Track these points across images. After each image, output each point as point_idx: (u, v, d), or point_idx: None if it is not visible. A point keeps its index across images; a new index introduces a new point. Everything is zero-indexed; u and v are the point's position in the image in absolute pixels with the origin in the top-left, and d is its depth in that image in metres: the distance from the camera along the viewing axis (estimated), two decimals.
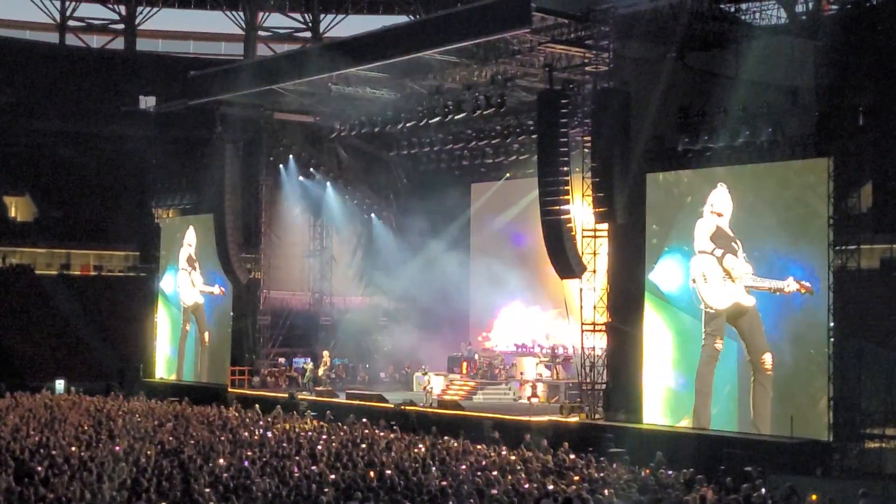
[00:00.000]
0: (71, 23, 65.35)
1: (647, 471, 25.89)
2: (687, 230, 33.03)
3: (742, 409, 31.31)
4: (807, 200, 30.08)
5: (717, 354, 31.89)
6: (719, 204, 32.12)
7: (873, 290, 30.58)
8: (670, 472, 25.58)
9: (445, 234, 49.46)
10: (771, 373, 30.53)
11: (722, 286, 31.89)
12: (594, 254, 35.81)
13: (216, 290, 50.54)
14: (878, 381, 29.51)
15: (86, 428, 32.34)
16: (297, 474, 23.54)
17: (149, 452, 26.78)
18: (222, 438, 30.35)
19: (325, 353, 48.21)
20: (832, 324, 29.22)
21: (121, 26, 66.18)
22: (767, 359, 30.66)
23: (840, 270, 29.30)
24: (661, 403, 33.35)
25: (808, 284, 29.22)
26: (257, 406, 40.47)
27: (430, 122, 42.93)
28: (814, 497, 21.12)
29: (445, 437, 31.96)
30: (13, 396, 42.30)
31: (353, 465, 25.34)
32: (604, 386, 35.15)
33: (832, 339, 29.20)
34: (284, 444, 29.34)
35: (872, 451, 28.94)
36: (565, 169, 35.43)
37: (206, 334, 51.14)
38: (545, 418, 35.32)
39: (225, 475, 23.21)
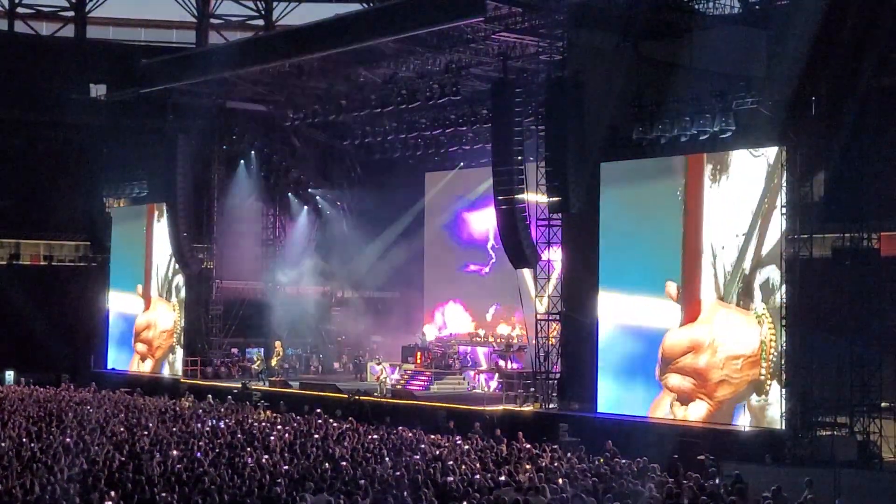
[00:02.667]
0: (20, 10, 64.50)
1: (602, 460, 25.92)
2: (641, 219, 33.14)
3: None
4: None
5: None
6: None
7: (825, 279, 30.71)
8: (624, 461, 25.62)
9: (399, 222, 49.44)
10: None
11: None
12: (548, 243, 35.84)
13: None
14: (830, 369, 29.67)
15: (36, 419, 32.02)
16: (250, 465, 23.39)
17: (100, 444, 26.51)
18: (175, 429, 30.12)
19: (278, 343, 48.03)
20: (784, 312, 29.39)
21: (71, 13, 65.42)
22: None
23: (792, 259, 29.47)
24: (615, 392, 33.44)
25: None
26: (210, 396, 40.27)
27: (384, 110, 42.76)
28: None
29: (400, 427, 31.90)
30: None
31: (307, 456, 25.21)
32: (558, 375, 35.20)
33: (784, 328, 29.38)
34: (238, 435, 29.17)
35: (824, 439, 29.11)
36: (519, 158, 35.45)
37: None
38: (499, 408, 35.33)
39: (177, 466, 23.02)
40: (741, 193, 30.54)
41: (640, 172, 33.41)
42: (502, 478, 22.17)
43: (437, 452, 26.50)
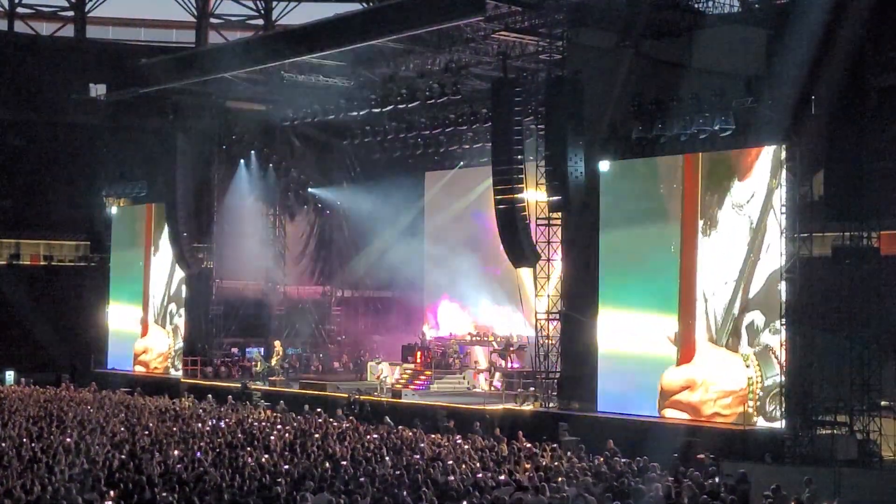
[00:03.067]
0: (20, 10, 64.58)
1: (601, 459, 25.92)
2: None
3: None
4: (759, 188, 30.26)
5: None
6: None
7: (825, 278, 30.70)
8: (624, 460, 25.62)
9: (399, 222, 49.34)
10: None
11: None
12: (548, 242, 35.83)
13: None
14: (830, 368, 29.67)
15: (36, 419, 32.01)
16: (250, 465, 23.39)
17: (100, 444, 26.50)
18: (175, 429, 30.11)
19: (278, 342, 48.00)
20: (784, 311, 29.37)
21: (71, 13, 65.52)
22: None
23: (792, 258, 29.46)
24: (614, 391, 33.44)
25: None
26: (210, 396, 40.25)
27: (384, 110, 42.80)
28: None
29: (399, 427, 31.90)
30: None
31: (307, 456, 25.22)
32: (558, 374, 35.19)
33: (784, 327, 29.37)
34: (238, 435, 29.16)
35: (824, 437, 29.11)
36: (519, 157, 35.43)
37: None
38: (499, 407, 35.31)
39: (178, 466, 23.03)
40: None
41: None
42: (502, 477, 22.15)
43: (437, 452, 26.50)
